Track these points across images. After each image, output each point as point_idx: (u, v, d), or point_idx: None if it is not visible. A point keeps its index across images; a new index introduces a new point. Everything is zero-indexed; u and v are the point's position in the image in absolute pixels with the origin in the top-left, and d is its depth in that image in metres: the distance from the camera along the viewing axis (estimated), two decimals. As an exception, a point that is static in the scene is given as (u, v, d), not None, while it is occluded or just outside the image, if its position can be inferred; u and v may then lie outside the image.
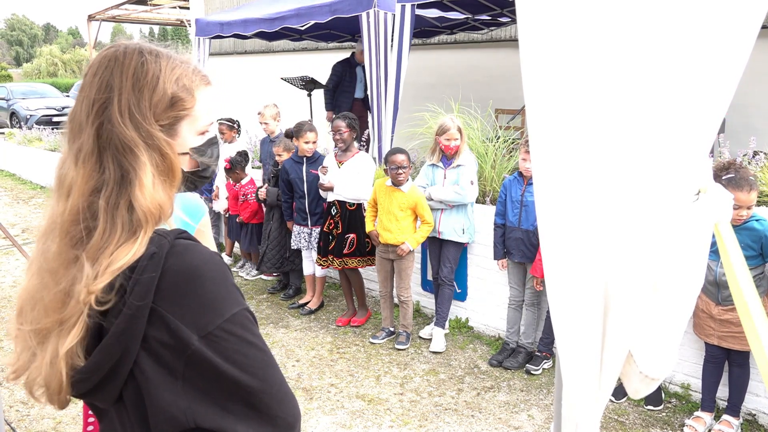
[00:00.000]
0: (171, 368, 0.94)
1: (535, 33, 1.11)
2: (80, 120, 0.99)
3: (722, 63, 1.01)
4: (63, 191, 0.99)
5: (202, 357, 0.94)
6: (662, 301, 1.29)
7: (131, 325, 0.92)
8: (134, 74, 1.00)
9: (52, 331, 0.95)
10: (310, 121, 5.13)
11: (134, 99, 0.99)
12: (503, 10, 7.07)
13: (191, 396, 0.95)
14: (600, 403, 1.32)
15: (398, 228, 4.38)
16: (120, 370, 0.94)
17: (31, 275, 1.00)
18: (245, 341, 0.97)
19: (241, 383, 0.95)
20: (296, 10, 6.07)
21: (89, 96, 0.99)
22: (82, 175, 0.97)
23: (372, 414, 3.60)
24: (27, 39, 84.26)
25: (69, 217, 0.96)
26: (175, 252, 0.97)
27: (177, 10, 14.71)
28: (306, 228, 5.05)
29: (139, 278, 0.93)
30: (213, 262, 0.99)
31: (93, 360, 0.94)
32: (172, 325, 0.93)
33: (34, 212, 8.99)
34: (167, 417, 0.94)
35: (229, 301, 0.98)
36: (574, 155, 1.15)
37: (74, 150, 0.99)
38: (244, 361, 0.96)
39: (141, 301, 0.92)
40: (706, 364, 3.39)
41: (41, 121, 16.78)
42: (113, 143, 0.97)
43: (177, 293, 0.94)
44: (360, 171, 4.67)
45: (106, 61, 1.02)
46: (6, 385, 3.93)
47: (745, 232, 3.09)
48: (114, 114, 0.98)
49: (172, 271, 0.95)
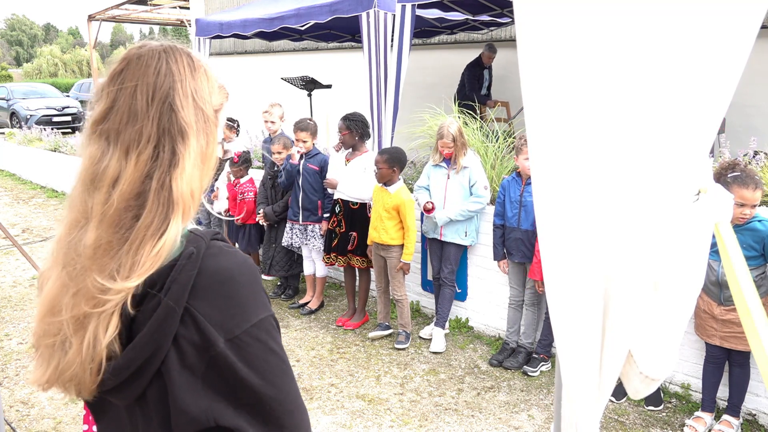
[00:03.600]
0: (194, 367, 0.95)
1: (534, 33, 1.11)
2: (136, 110, 0.98)
3: (722, 63, 1.01)
4: (103, 183, 0.97)
5: (225, 360, 0.95)
6: (662, 301, 1.29)
7: (165, 323, 0.93)
8: (187, 63, 1.03)
9: (91, 317, 0.94)
10: (309, 119, 5.12)
11: (194, 84, 1.02)
12: (503, 10, 7.06)
13: (210, 396, 0.96)
14: (600, 403, 1.32)
15: (383, 228, 4.40)
16: (149, 367, 0.95)
17: (60, 269, 0.98)
18: (267, 348, 0.99)
19: (256, 389, 0.96)
20: (296, 10, 6.07)
21: (146, 86, 0.99)
22: (135, 164, 0.96)
23: (372, 414, 3.60)
24: (27, 39, 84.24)
25: (118, 204, 0.95)
26: (211, 254, 0.98)
27: (177, 10, 14.70)
28: (297, 224, 5.05)
29: (177, 277, 0.94)
30: (246, 266, 1.01)
31: (126, 356, 0.95)
32: (201, 325, 0.94)
33: (34, 212, 8.99)
34: (189, 419, 0.95)
35: (258, 306, 0.99)
36: (574, 155, 1.14)
37: (123, 141, 0.98)
38: (264, 367, 0.97)
39: (177, 300, 0.93)
40: (707, 364, 3.39)
41: (41, 121, 16.79)
42: (173, 128, 0.98)
43: (209, 294, 0.96)
44: (364, 170, 4.66)
45: (155, 53, 1.02)
46: (6, 385, 3.93)
47: (747, 233, 3.09)
48: (177, 99, 0.99)
49: (207, 272, 0.96)
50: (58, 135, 11.62)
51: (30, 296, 5.56)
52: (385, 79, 5.43)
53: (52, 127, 13.66)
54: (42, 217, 8.64)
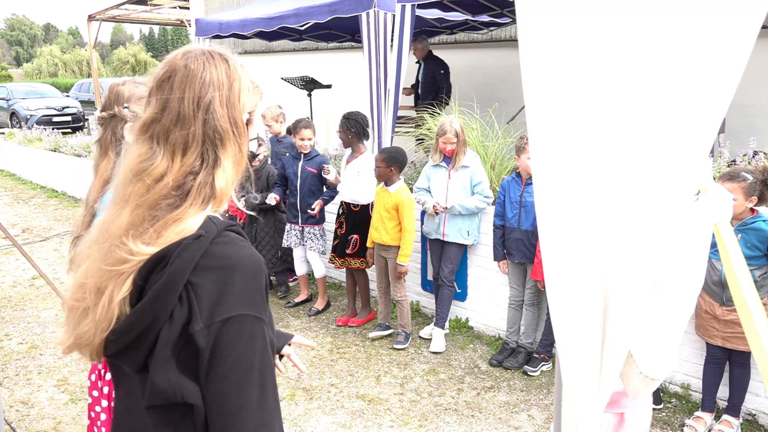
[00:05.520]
0: (175, 343, 1.02)
1: (535, 33, 1.11)
2: (184, 116, 1.08)
3: (722, 63, 1.01)
4: (148, 177, 1.07)
5: (196, 342, 1.02)
6: (662, 300, 1.29)
7: (164, 294, 1.01)
8: (225, 72, 1.13)
9: (110, 281, 1.04)
10: (308, 118, 5.12)
11: (230, 93, 1.12)
12: (503, 10, 7.06)
13: (180, 372, 1.03)
14: (600, 403, 1.32)
15: (384, 228, 4.40)
16: (148, 335, 1.03)
17: (92, 245, 1.09)
18: (234, 345, 1.03)
19: (216, 381, 1.02)
20: (295, 10, 6.06)
21: (192, 94, 1.09)
22: (181, 163, 1.07)
23: (372, 414, 3.60)
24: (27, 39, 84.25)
25: (158, 192, 1.06)
26: (222, 241, 1.07)
27: (177, 10, 14.70)
28: (296, 225, 5.05)
29: (181, 254, 1.02)
30: (250, 260, 1.08)
31: (126, 320, 1.04)
32: (192, 304, 1.02)
33: (34, 212, 8.99)
34: (157, 389, 1.03)
35: (243, 302, 1.04)
36: (574, 155, 1.14)
37: (171, 142, 1.08)
38: (226, 362, 1.02)
39: (177, 274, 1.01)
40: (707, 364, 3.38)
41: (41, 121, 16.79)
42: (215, 133, 1.09)
43: (208, 276, 1.03)
44: (359, 172, 4.68)
45: (199, 63, 1.11)
46: (6, 385, 3.93)
47: (751, 232, 3.09)
48: (217, 108, 1.09)
49: (212, 255, 1.05)
50: (58, 135, 11.62)
51: (30, 296, 5.57)
52: (385, 79, 5.43)
53: (52, 127, 13.67)
54: (42, 217, 8.64)
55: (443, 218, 4.40)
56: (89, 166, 1.97)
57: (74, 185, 9.76)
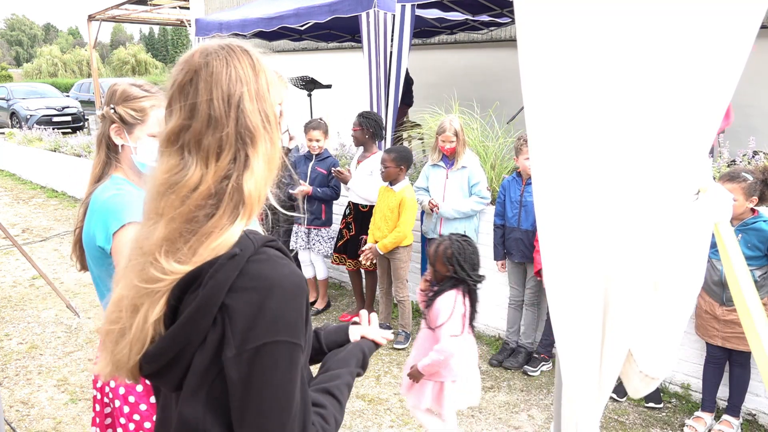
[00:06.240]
0: (207, 372, 0.98)
1: (534, 33, 1.11)
2: (215, 119, 1.00)
3: (722, 63, 1.01)
4: (182, 189, 1.00)
5: (228, 371, 0.97)
6: (662, 300, 1.29)
7: (197, 317, 0.96)
8: (250, 64, 1.05)
9: (144, 300, 0.99)
10: (320, 119, 5.05)
11: (257, 86, 1.04)
12: (503, 10, 7.06)
13: (208, 404, 0.99)
14: (600, 403, 1.32)
15: (387, 228, 4.38)
16: (181, 360, 0.98)
17: (127, 265, 1.04)
18: (269, 380, 0.97)
19: (245, 415, 0.97)
20: (295, 10, 6.06)
21: (221, 93, 1.01)
22: (215, 169, 1.00)
23: (372, 414, 3.60)
24: (27, 39, 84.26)
25: (193, 203, 0.99)
26: (259, 258, 0.99)
27: (177, 10, 14.70)
28: (303, 227, 5.03)
29: (214, 274, 0.96)
30: (289, 280, 0.99)
31: (159, 344, 0.99)
32: (225, 328, 0.96)
33: (34, 212, 8.99)
34: (185, 420, 0.99)
35: (279, 326, 0.97)
36: (574, 155, 1.14)
37: (203, 148, 1.00)
38: (257, 393, 0.97)
39: (211, 296, 0.95)
40: (707, 364, 3.38)
41: (41, 121, 16.78)
42: (246, 132, 1.02)
43: (244, 297, 0.96)
44: (372, 172, 4.62)
45: (222, 59, 1.03)
46: (6, 385, 3.93)
47: (752, 233, 3.09)
48: (246, 104, 1.02)
49: (248, 275, 0.97)
50: (58, 135, 11.61)
51: (30, 296, 5.57)
52: (385, 79, 5.43)
53: (53, 127, 13.66)
54: (42, 217, 8.64)
55: (440, 219, 4.39)
56: (89, 166, 1.98)
57: (74, 185, 9.76)
